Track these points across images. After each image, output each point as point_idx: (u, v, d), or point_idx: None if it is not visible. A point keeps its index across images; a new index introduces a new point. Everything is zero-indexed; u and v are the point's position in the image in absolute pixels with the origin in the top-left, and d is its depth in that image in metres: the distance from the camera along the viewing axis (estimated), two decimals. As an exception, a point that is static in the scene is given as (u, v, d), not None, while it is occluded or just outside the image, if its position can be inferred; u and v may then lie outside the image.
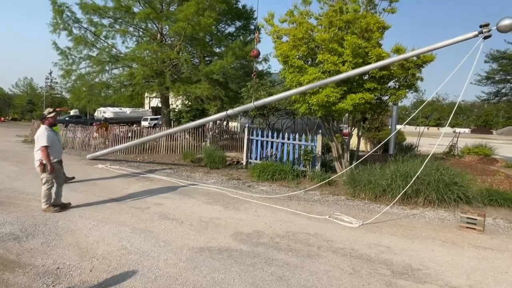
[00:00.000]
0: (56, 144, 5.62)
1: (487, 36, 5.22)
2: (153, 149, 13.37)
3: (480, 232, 5.09)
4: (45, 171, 5.37)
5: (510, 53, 12.28)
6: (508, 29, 4.94)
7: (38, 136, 5.40)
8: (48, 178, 5.42)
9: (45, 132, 5.38)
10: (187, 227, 4.98)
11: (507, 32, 5.01)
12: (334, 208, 6.40)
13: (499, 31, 5.07)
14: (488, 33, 5.18)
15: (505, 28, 4.97)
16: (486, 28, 5.17)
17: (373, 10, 8.00)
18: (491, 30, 5.15)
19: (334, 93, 7.02)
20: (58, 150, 5.70)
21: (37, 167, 5.40)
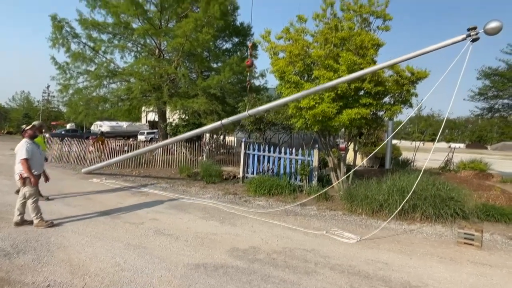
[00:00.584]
0: (37, 157, 5.49)
1: (475, 39, 5.25)
2: (149, 163, 13.31)
3: (478, 248, 5.06)
4: (25, 184, 5.25)
5: (501, 71, 12.58)
6: (495, 31, 5.00)
7: (18, 149, 5.31)
8: (31, 192, 5.29)
9: (24, 144, 5.30)
10: (182, 243, 4.90)
11: (494, 35, 5.06)
12: (331, 223, 6.34)
13: (486, 33, 5.12)
14: (476, 36, 5.22)
15: (492, 31, 5.02)
16: (473, 31, 5.23)
17: (367, 28, 8.18)
18: (478, 33, 5.20)
19: (330, 108, 7.09)
20: (39, 163, 5.57)
21: (17, 181, 5.30)
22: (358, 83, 7.17)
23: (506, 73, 12.37)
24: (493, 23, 4.95)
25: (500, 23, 4.92)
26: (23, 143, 5.36)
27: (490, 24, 4.99)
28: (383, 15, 7.79)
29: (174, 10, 14.27)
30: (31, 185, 5.27)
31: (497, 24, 4.93)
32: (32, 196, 5.31)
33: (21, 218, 5.40)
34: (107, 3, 13.33)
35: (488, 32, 5.06)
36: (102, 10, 13.94)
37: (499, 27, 4.94)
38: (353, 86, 7.20)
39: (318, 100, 7.26)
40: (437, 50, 5.67)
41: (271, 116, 11.19)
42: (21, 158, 5.21)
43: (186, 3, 13.70)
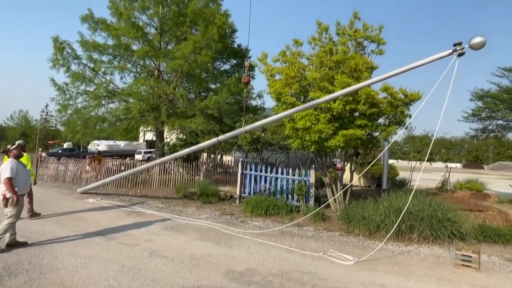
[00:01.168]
0: (22, 176, 5.46)
1: (461, 53, 5.44)
2: (145, 183, 13.23)
3: (476, 269, 5.02)
4: (7, 205, 5.17)
5: (493, 92, 12.89)
6: (479, 46, 5.19)
7: (2, 169, 5.28)
8: (12, 213, 5.18)
9: (9, 164, 5.29)
10: (178, 265, 4.84)
11: (478, 49, 5.24)
12: (328, 244, 6.29)
13: (471, 48, 5.30)
14: (461, 50, 5.41)
15: (476, 46, 5.21)
16: (459, 46, 5.42)
17: (362, 51, 8.44)
18: (464, 48, 5.39)
19: (326, 129, 7.19)
20: (24, 183, 5.53)
21: (0, 201, 5.22)
22: (353, 105, 7.32)
23: (497, 95, 12.67)
24: (478, 38, 5.17)
25: (484, 38, 5.13)
26: (8, 162, 5.35)
27: (474, 39, 5.20)
28: (377, 40, 8.06)
29: (174, 33, 14.66)
30: (13, 205, 5.18)
31: (481, 39, 5.14)
32: (12, 217, 5.18)
33: (12, 239, 5.32)
34: (108, 26, 13.69)
35: (473, 47, 5.27)
36: (103, 33, 14.29)
37: (483, 42, 5.15)
38: (348, 108, 7.34)
39: (314, 121, 7.38)
40: (425, 65, 5.87)
41: (268, 136, 11.30)
42: (5, 177, 5.16)
43: (185, 27, 14.09)
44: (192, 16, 13.73)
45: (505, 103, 12.32)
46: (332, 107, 7.24)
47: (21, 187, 5.43)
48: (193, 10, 13.43)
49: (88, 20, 14.02)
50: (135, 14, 14.27)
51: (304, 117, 7.41)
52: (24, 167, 5.73)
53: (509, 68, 12.31)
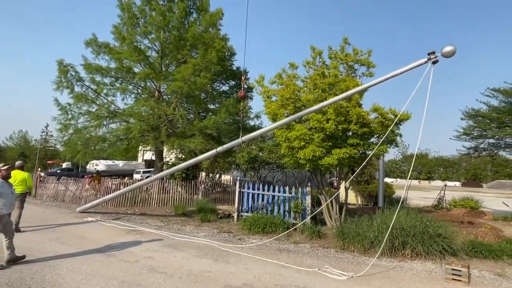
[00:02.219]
0: (7, 196, 5.61)
1: (435, 61, 6.00)
2: (144, 202, 13.36)
3: (465, 283, 5.18)
4: None
5: (483, 112, 13.33)
6: (450, 54, 5.76)
7: None
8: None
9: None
10: (176, 281, 4.98)
11: (449, 57, 5.81)
12: (324, 260, 6.44)
13: (443, 56, 5.86)
14: (435, 58, 5.97)
15: (447, 54, 5.78)
16: (433, 55, 5.99)
17: (353, 74, 8.88)
18: (437, 56, 5.96)
19: (320, 148, 7.49)
20: (9, 202, 5.65)
21: None
22: (345, 125, 7.65)
23: (487, 114, 13.11)
24: (448, 48, 5.77)
25: (453, 47, 5.75)
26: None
27: (445, 48, 5.80)
28: (366, 63, 8.52)
29: (174, 56, 15.21)
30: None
31: (451, 48, 5.74)
32: None
33: (11, 256, 5.45)
34: (111, 50, 14.24)
35: (444, 55, 5.85)
36: (106, 56, 14.83)
37: (453, 51, 5.75)
38: (340, 127, 7.68)
39: (309, 140, 7.69)
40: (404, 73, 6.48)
41: (265, 155, 11.57)
42: None
43: (185, 50, 14.66)
44: (192, 40, 14.31)
45: (495, 122, 12.75)
46: (325, 127, 7.57)
47: (6, 206, 5.55)
48: (193, 34, 14.01)
49: (92, 44, 14.57)
50: (137, 38, 14.87)
51: (299, 137, 7.72)
52: (10, 187, 5.90)
53: (497, 89, 12.81)
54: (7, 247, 5.41)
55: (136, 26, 14.95)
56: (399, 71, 6.41)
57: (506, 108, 12.44)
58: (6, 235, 5.48)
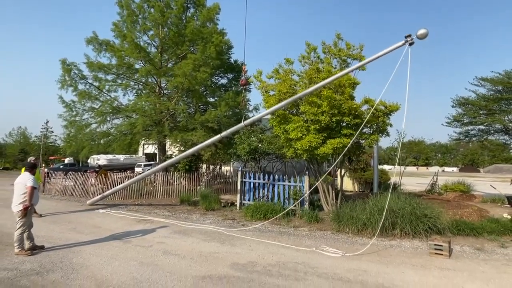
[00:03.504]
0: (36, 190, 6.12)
1: (411, 43, 6.83)
2: (150, 194, 13.97)
3: (446, 257, 5.81)
4: (25, 215, 5.78)
5: (472, 100, 13.89)
6: (423, 36, 6.62)
7: (27, 180, 5.87)
8: (26, 222, 5.83)
9: (30, 176, 5.95)
10: (189, 261, 5.59)
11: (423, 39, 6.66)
12: (321, 241, 7.07)
13: (418, 38, 6.68)
14: (411, 41, 6.79)
15: (421, 36, 6.62)
16: (409, 37, 6.82)
17: (346, 67, 9.36)
18: (413, 38, 6.77)
19: (316, 138, 8.05)
20: (37, 195, 6.18)
21: (18, 212, 5.77)
22: (338, 117, 8.20)
23: (476, 102, 13.66)
24: (422, 30, 6.64)
25: (426, 30, 6.61)
26: (29, 175, 6.01)
27: (419, 31, 6.66)
28: (359, 57, 9.01)
29: (174, 52, 15.63)
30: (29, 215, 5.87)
31: (424, 31, 6.61)
32: (23, 226, 5.79)
33: (32, 244, 5.99)
34: (113, 48, 14.65)
35: (419, 37, 6.69)
36: (107, 54, 15.25)
37: (426, 33, 6.62)
38: (334, 119, 8.22)
39: (305, 132, 8.24)
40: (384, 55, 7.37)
41: (265, 146, 12.12)
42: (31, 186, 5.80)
43: (185, 46, 15.08)
44: (191, 36, 14.72)
45: (483, 109, 13.31)
46: (320, 119, 8.12)
47: (35, 199, 6.12)
48: (191, 30, 14.42)
49: (93, 42, 14.98)
50: (136, 35, 15.27)
51: (296, 129, 8.27)
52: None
53: (484, 78, 13.34)
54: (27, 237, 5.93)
55: (135, 23, 15.33)
56: (381, 53, 7.27)
57: (494, 96, 13.02)
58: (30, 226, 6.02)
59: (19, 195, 5.91)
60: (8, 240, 6.60)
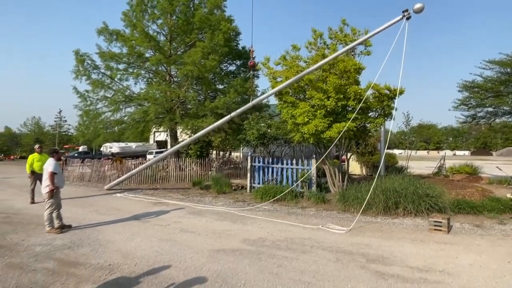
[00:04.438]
0: (60, 174, 6.71)
1: (408, 17, 7.27)
2: (163, 179, 14.57)
3: (445, 232, 6.16)
4: (52, 197, 6.40)
5: (478, 83, 13.84)
6: (420, 10, 7.05)
7: (48, 166, 6.46)
8: (53, 203, 6.42)
9: (54, 162, 6.53)
10: (204, 237, 6.08)
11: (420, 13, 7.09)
12: (327, 220, 7.48)
13: (415, 12, 7.12)
14: (408, 15, 7.23)
15: (417, 10, 7.07)
16: (406, 12, 7.27)
17: (352, 53, 9.54)
18: (410, 12, 7.19)
19: (322, 123, 8.35)
20: (62, 179, 6.78)
21: (45, 194, 6.39)
22: (344, 101, 8.45)
23: (483, 85, 13.62)
24: (418, 5, 7.09)
25: (422, 4, 7.02)
26: (52, 160, 6.58)
27: (416, 6, 7.11)
28: (364, 42, 9.15)
29: (183, 40, 15.90)
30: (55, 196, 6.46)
31: (420, 5, 7.05)
32: (51, 207, 6.39)
33: (61, 223, 6.57)
34: (123, 37, 14.99)
35: (415, 11, 7.13)
36: (118, 43, 15.60)
37: (422, 7, 7.04)
38: (340, 104, 8.48)
39: (312, 116, 8.54)
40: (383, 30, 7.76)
41: (273, 131, 12.47)
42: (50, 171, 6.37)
43: (193, 34, 15.31)
44: (199, 23, 14.94)
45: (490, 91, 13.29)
46: (326, 104, 8.39)
47: (60, 182, 6.70)
48: (200, 18, 14.62)
49: (103, 33, 15.34)
50: (145, 24, 15.54)
51: (303, 114, 8.57)
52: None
53: (492, 60, 13.25)
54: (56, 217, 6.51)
55: (144, 12, 15.58)
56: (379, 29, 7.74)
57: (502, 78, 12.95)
58: (58, 206, 6.59)
59: (45, 179, 6.49)
60: (38, 221, 7.22)
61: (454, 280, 4.08)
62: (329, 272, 4.34)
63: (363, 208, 7.80)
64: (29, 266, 4.56)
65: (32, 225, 7.00)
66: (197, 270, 4.41)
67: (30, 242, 5.73)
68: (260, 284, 3.95)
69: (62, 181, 6.81)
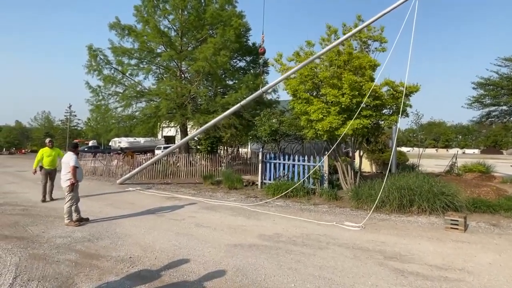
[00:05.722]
0: (80, 168, 6.83)
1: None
2: (174, 174, 14.70)
3: (461, 231, 6.12)
4: (72, 190, 6.52)
5: (493, 80, 13.61)
6: None
7: (69, 160, 6.56)
8: (73, 196, 6.55)
9: (73, 156, 6.65)
10: (220, 232, 6.14)
11: None
12: (340, 217, 7.49)
13: None
14: None
15: None
16: None
17: (367, 49, 9.47)
18: None
19: (336, 119, 8.33)
20: (81, 173, 6.90)
21: (66, 187, 6.52)
22: (359, 98, 8.40)
23: (498, 82, 13.40)
24: None
25: None
26: (72, 154, 6.69)
27: None
28: (379, 39, 9.08)
29: (194, 36, 15.93)
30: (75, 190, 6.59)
31: None
32: (72, 200, 6.52)
33: (79, 216, 6.69)
34: (136, 32, 15.07)
35: None
36: (130, 38, 15.69)
37: None
38: (355, 101, 8.44)
39: (326, 113, 8.52)
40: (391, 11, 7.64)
41: (285, 128, 12.47)
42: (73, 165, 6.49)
43: (204, 30, 15.32)
44: (211, 19, 14.94)
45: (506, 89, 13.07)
46: (340, 100, 8.36)
47: (80, 177, 6.83)
48: (211, 14, 14.62)
49: (115, 28, 15.44)
50: (157, 20, 15.59)
51: (317, 110, 8.55)
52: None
53: (508, 58, 13.01)
54: (75, 210, 6.64)
55: (156, 7, 15.63)
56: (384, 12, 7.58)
57: (517, 76, 12.76)
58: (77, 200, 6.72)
59: (65, 173, 6.62)
60: (55, 214, 7.38)
61: (475, 278, 4.07)
62: (347, 268, 4.36)
63: (377, 206, 7.80)
64: (52, 258, 4.66)
65: (50, 217, 7.14)
66: (216, 264, 4.47)
67: (51, 234, 5.85)
68: (280, 279, 3.99)
69: (81, 175, 6.93)
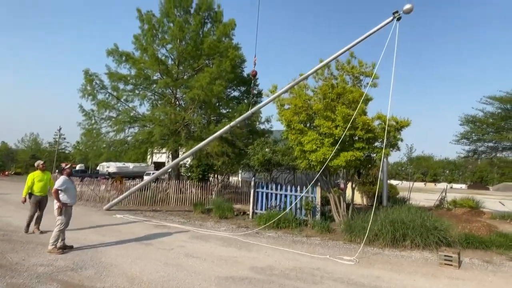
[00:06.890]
0: (71, 190, 6.59)
1: (399, 18, 7.61)
2: (163, 201, 14.36)
3: (456, 267, 6.05)
4: (61, 214, 6.28)
5: (479, 117, 14.20)
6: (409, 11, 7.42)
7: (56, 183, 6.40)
8: (63, 220, 6.30)
9: (62, 178, 6.47)
10: (210, 263, 5.93)
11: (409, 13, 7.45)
12: (333, 250, 7.35)
13: (404, 13, 7.46)
14: (398, 16, 7.58)
15: (407, 11, 7.44)
16: (397, 13, 7.61)
17: (358, 84, 9.81)
18: (400, 13, 7.54)
19: (330, 151, 8.42)
20: (72, 195, 6.63)
21: (55, 210, 6.30)
22: (351, 131, 8.57)
23: (484, 120, 13.94)
24: (407, 6, 7.47)
25: (411, 5, 7.41)
26: (61, 178, 6.51)
27: (405, 7, 7.49)
28: (370, 75, 9.44)
29: (191, 65, 16.30)
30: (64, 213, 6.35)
31: (409, 6, 7.42)
32: (61, 224, 6.27)
33: (63, 244, 6.37)
34: (133, 59, 15.34)
35: (405, 12, 7.49)
36: (127, 64, 15.94)
37: (411, 8, 7.42)
38: (348, 133, 8.59)
39: (320, 144, 8.62)
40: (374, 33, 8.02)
41: (279, 157, 12.51)
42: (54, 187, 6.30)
43: (201, 59, 15.73)
44: (208, 50, 15.39)
45: (491, 127, 13.58)
46: (334, 132, 8.51)
47: (71, 199, 6.58)
48: (209, 45, 15.09)
49: (113, 54, 15.71)
50: (155, 48, 15.97)
51: (311, 141, 8.66)
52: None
53: (492, 97, 13.68)
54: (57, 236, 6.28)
55: (155, 37, 16.05)
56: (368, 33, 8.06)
57: (502, 114, 13.30)
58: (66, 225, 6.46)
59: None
60: (37, 240, 7.07)
61: (473, 318, 3.97)
62: (343, 305, 4.22)
63: (370, 239, 7.73)
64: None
65: (32, 244, 6.80)
66: (207, 298, 4.27)
67: (31, 262, 5.55)
68: (274, 315, 3.82)
69: (73, 198, 6.70)
